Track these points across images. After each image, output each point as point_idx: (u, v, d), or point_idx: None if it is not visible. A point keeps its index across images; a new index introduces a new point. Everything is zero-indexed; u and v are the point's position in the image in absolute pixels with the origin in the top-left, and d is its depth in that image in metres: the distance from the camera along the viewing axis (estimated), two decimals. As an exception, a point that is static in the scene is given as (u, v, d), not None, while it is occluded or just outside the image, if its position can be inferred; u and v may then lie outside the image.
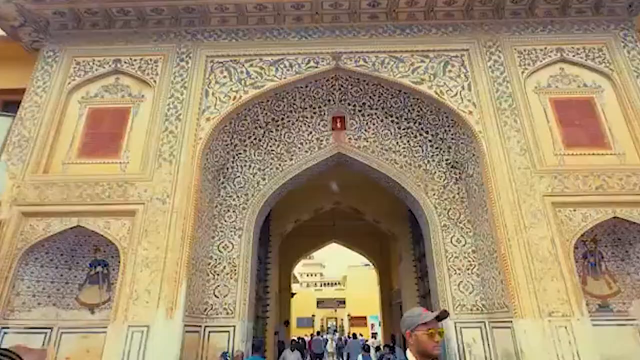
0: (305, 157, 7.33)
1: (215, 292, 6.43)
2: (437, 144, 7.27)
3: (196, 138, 6.40)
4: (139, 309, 5.26)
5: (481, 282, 6.38)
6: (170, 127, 6.46)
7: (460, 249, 6.64)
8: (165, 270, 5.48)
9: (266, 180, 7.18)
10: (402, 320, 1.99)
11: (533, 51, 6.89)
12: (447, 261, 6.55)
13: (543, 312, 5.20)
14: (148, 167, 6.17)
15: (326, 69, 6.92)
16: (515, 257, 5.52)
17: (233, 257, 6.65)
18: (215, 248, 6.73)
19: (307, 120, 7.55)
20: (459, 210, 6.89)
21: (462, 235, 6.73)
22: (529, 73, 6.74)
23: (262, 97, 6.88)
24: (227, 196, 7.09)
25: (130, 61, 7.01)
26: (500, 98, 6.54)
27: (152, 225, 5.76)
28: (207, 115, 6.58)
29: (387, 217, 10.08)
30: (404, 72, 6.81)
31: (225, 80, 6.83)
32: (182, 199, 5.94)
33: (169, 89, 6.74)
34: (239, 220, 6.90)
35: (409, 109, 7.19)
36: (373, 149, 7.33)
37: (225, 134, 6.91)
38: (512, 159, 6.11)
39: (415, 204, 7.21)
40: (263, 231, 8.87)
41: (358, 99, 7.43)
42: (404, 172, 7.15)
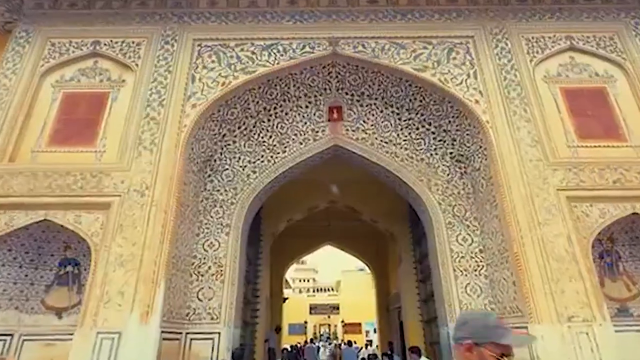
0: (299, 149, 6.81)
1: (199, 295, 5.84)
2: (441, 136, 6.81)
3: (180, 125, 5.85)
4: (110, 313, 4.66)
5: (490, 284, 5.88)
6: (152, 113, 5.91)
7: (467, 248, 6.15)
8: (141, 270, 4.90)
9: (257, 174, 6.64)
10: (463, 322, 1.40)
11: (541, 39, 6.49)
12: (453, 261, 6.05)
13: (562, 316, 4.71)
14: (126, 156, 5.60)
15: (322, 55, 6.45)
16: (529, 256, 5.03)
17: (219, 256, 6.08)
18: (200, 246, 6.15)
19: (302, 110, 7.05)
20: (464, 207, 6.41)
21: (469, 233, 6.24)
22: (537, 61, 6.34)
23: (254, 83, 6.37)
24: (214, 190, 6.53)
25: (110, 43, 6.47)
26: (509, 86, 6.11)
27: (129, 220, 5.18)
28: (193, 101, 6.04)
29: (386, 216, 9.58)
30: (406, 58, 6.36)
31: (213, 65, 6.31)
32: (163, 191, 5.38)
33: (151, 73, 6.21)
34: (227, 216, 6.35)
35: (410, 98, 6.73)
36: (372, 141, 6.85)
37: (213, 123, 6.37)
38: (523, 151, 5.66)
39: (417, 200, 6.72)
40: (253, 230, 8.30)
41: (356, 87, 6.95)
42: (406, 166, 6.67)
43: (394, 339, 12.17)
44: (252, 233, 8.22)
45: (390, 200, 9.32)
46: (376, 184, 9.10)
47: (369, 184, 9.32)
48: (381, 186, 9.15)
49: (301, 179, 9.18)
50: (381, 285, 14.06)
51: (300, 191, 9.41)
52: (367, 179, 9.11)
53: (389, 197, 9.32)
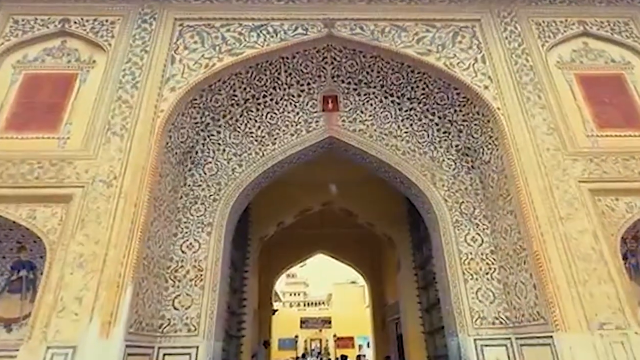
0: (290, 141, 6.18)
1: (174, 303, 5.09)
2: (445, 128, 6.24)
3: (157, 110, 5.19)
4: (64, 324, 3.90)
5: (503, 288, 5.25)
6: (124, 95, 5.24)
7: (477, 249, 5.53)
8: (104, 272, 4.16)
9: (243, 167, 5.98)
10: None
11: (553, 23, 6.04)
12: (462, 264, 5.42)
13: (592, 323, 4.09)
14: (93, 143, 4.91)
15: (317, 37, 5.88)
16: (551, 255, 4.44)
17: (199, 258, 5.35)
18: (178, 248, 5.42)
19: (294, 100, 6.44)
20: (472, 204, 5.81)
21: (478, 233, 5.63)
22: (549, 46, 5.87)
23: (240, 67, 5.76)
24: (195, 185, 5.84)
25: (81, 21, 5.82)
26: (520, 71, 5.61)
27: (92, 214, 4.46)
28: (171, 84, 5.39)
29: (383, 219, 8.94)
30: (408, 42, 5.83)
31: (196, 45, 5.70)
32: (134, 181, 4.68)
33: (125, 53, 5.56)
34: (209, 214, 5.64)
35: (412, 86, 6.18)
36: (370, 133, 6.25)
37: (195, 110, 5.72)
38: (539, 139, 5.12)
39: (420, 197, 6.10)
40: (240, 234, 7.60)
41: (353, 75, 6.38)
42: (407, 160, 6.07)
43: (392, 353, 11.40)
44: (238, 237, 7.52)
45: (389, 202, 8.72)
46: (373, 184, 8.53)
47: (365, 185, 8.74)
48: (379, 187, 8.58)
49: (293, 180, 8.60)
50: (377, 296, 13.32)
51: (292, 192, 8.77)
52: (364, 179, 8.54)
53: (387, 199, 8.73)
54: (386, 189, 8.54)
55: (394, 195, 8.66)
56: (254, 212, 8.36)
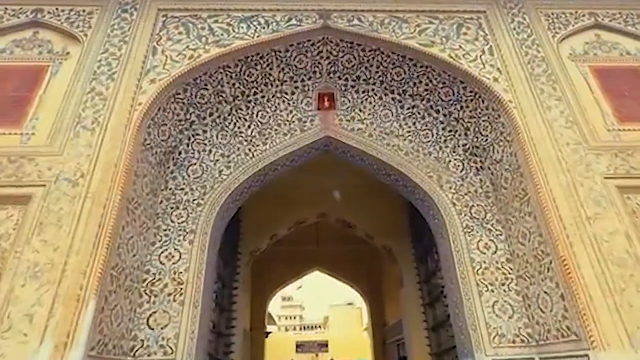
0: (283, 141, 5.66)
1: (149, 321, 4.42)
2: (451, 126, 5.77)
3: (134, 103, 4.68)
4: (10, 346, 3.24)
5: (523, 301, 4.65)
6: (98, 87, 4.73)
7: (490, 257, 4.96)
8: (62, 284, 3.53)
9: (231, 169, 5.42)
10: None
11: (562, 15, 5.70)
12: (475, 274, 4.83)
13: (635, 338, 3.51)
14: (59, 138, 4.36)
15: (312, 29, 5.46)
16: (580, 261, 3.88)
17: (179, 270, 4.72)
18: (155, 258, 4.79)
19: (287, 97, 5.97)
20: (483, 208, 5.28)
21: (491, 239, 5.07)
22: (560, 38, 5.49)
23: (229, 59, 5.30)
24: (178, 189, 5.26)
25: (55, 12, 5.37)
26: (532, 62, 5.21)
27: (53, 217, 3.86)
28: (152, 76, 4.91)
29: (384, 230, 8.36)
30: (409, 33, 5.43)
31: (180, 37, 5.25)
32: (104, 180, 4.11)
33: (102, 44, 5.09)
34: (191, 220, 5.05)
35: (415, 81, 5.74)
36: (370, 132, 5.76)
37: (178, 105, 5.21)
38: (557, 133, 4.65)
39: (425, 201, 5.56)
40: (229, 246, 6.98)
41: (351, 70, 5.95)
42: (411, 161, 5.56)
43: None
44: (227, 250, 6.91)
45: (389, 211, 8.18)
46: (372, 192, 8.02)
47: (364, 194, 8.20)
48: (378, 195, 8.06)
49: (287, 189, 8.08)
50: (376, 316, 12.54)
51: (285, 202, 8.20)
52: (362, 187, 8.04)
53: (387, 208, 8.19)
54: (386, 197, 8.03)
55: (395, 204, 8.14)
56: (245, 223, 7.77)
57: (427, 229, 6.71)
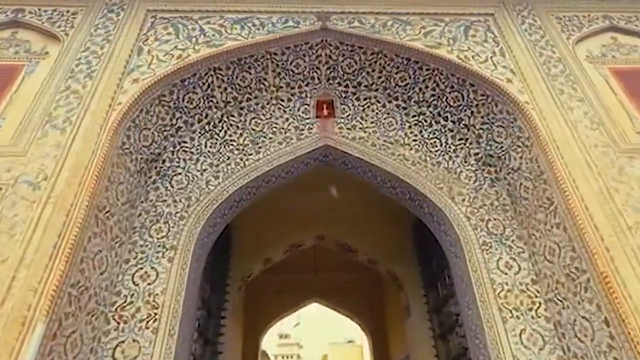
0: (278, 150, 5.17)
1: (115, 353, 3.73)
2: (462, 134, 5.31)
3: (113, 103, 4.23)
4: None
5: (555, 329, 3.99)
6: (74, 85, 4.31)
7: (513, 277, 4.33)
8: (6, 303, 2.92)
9: (220, 179, 4.89)
10: None
11: (575, 18, 5.39)
12: (497, 297, 4.18)
13: None
14: (25, 137, 3.88)
15: (310, 30, 5.13)
16: (626, 277, 3.29)
17: (155, 292, 4.08)
18: (128, 278, 4.16)
19: (283, 104, 5.54)
20: (501, 222, 4.71)
21: (513, 257, 4.46)
22: (575, 40, 5.16)
23: (220, 60, 4.92)
24: (159, 201, 4.70)
25: (37, 12, 5.05)
26: (548, 63, 4.83)
27: (5, 223, 3.30)
28: (135, 75, 4.50)
29: (387, 254, 7.68)
30: (414, 35, 5.10)
31: (169, 37, 4.90)
32: (71, 183, 3.58)
33: (84, 42, 4.73)
34: (172, 235, 4.46)
35: (420, 87, 5.34)
36: (373, 141, 5.29)
37: (163, 109, 4.77)
38: (583, 135, 4.18)
39: (435, 215, 5.00)
40: (217, 269, 6.34)
41: (352, 76, 5.56)
42: (418, 171, 5.05)
43: None
44: (215, 274, 6.26)
45: (394, 233, 7.57)
46: (375, 212, 7.46)
47: (366, 214, 7.64)
48: (381, 215, 7.49)
49: (282, 208, 7.54)
50: (379, 352, 11.52)
51: (280, 223, 7.61)
52: (364, 206, 7.48)
53: (392, 230, 7.60)
54: (390, 218, 7.47)
55: (400, 226, 7.55)
56: (236, 244, 7.15)
57: (436, 251, 6.11)
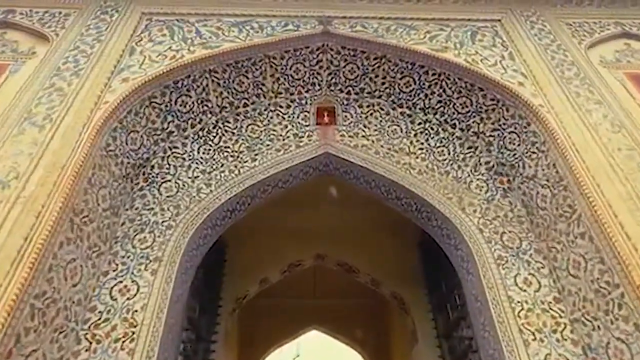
0: (275, 157, 4.86)
1: (84, 377, 3.28)
2: (470, 142, 5.00)
3: (99, 101, 3.96)
4: None
5: (585, 354, 3.52)
6: (59, 83, 4.06)
7: (533, 295, 3.89)
8: (-46, 313, 2.52)
9: (212, 187, 4.55)
10: None
11: (585, 24, 5.21)
12: (517, 317, 3.73)
13: None
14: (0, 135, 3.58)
15: (310, 34, 4.94)
16: (667, 291, 2.87)
17: (134, 308, 3.64)
18: (106, 292, 3.75)
19: (281, 111, 5.27)
20: (517, 235, 4.32)
21: (532, 273, 4.04)
22: (587, 45, 4.95)
23: (216, 63, 4.70)
24: (145, 209, 4.34)
25: (29, 13, 4.89)
26: (561, 66, 4.59)
27: (-34, 224, 2.94)
28: (125, 74, 4.26)
29: (392, 275, 7.17)
30: (419, 39, 4.90)
31: (163, 38, 4.70)
32: (44, 183, 3.25)
33: (74, 41, 4.53)
34: (158, 245, 4.07)
35: (426, 93, 5.09)
36: (376, 149, 4.98)
37: (154, 111, 4.50)
38: (605, 138, 3.86)
39: (445, 228, 4.61)
40: (209, 288, 5.90)
41: (354, 82, 5.32)
42: (425, 181, 4.71)
43: None
44: (207, 293, 5.83)
45: (399, 253, 7.14)
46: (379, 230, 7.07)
47: (368, 232, 7.23)
48: (386, 234, 7.10)
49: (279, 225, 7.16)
50: (383, 384, 10.74)
51: (278, 240, 7.19)
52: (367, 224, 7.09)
53: (397, 249, 7.17)
54: (395, 235, 7.06)
55: (405, 244, 7.13)
56: (231, 263, 6.72)
57: (445, 270, 5.68)
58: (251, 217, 7.02)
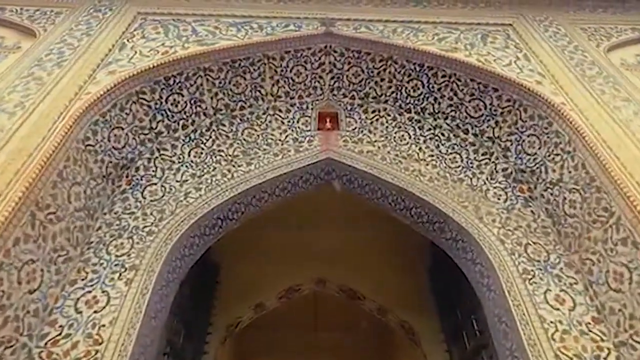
0: (273, 162, 4.46)
1: (31, 406, 2.70)
2: (485, 147, 4.60)
3: (80, 92, 3.64)
4: None
5: (638, 386, 2.92)
6: (39, 72, 3.76)
7: (569, 315, 3.33)
8: None
9: (202, 191, 4.11)
10: None
11: (601, 29, 4.99)
12: (551, 340, 3.16)
13: None
14: (-36, 122, 3.23)
15: (312, 34, 4.71)
16: None
17: (101, 322, 3.10)
18: (70, 303, 3.22)
19: (281, 115, 4.94)
20: (544, 247, 3.81)
21: (564, 289, 3.50)
22: (606, 48, 4.69)
23: (211, 60, 4.42)
24: (125, 212, 3.89)
25: (19, 10, 4.71)
26: (581, 65, 4.30)
27: None
28: (112, 67, 3.98)
29: (400, 302, 6.44)
30: (427, 41, 4.65)
31: (157, 36, 4.47)
32: (5, 170, 2.86)
33: (61, 35, 4.29)
34: (136, 253, 3.57)
35: (435, 96, 4.76)
36: (383, 155, 4.58)
37: (142, 109, 4.16)
38: (639, 133, 3.46)
39: (461, 239, 4.10)
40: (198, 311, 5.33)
41: (358, 86, 5.02)
42: (437, 188, 4.27)
43: None
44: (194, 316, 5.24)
45: (407, 277, 6.54)
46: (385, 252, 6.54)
47: (374, 254, 6.69)
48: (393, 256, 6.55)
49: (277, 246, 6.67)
50: None
51: (275, 262, 6.63)
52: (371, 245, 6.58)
53: (404, 273, 6.60)
54: (402, 257, 6.53)
55: (413, 267, 6.57)
56: (223, 285, 6.16)
57: (459, 294, 5.14)
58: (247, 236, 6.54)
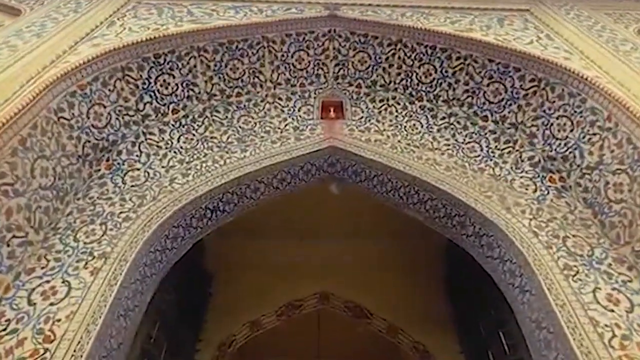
0: (270, 149, 4.01)
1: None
2: (508, 135, 4.11)
3: (57, 61, 3.29)
4: None
5: None
6: (15, 41, 3.46)
7: (626, 317, 2.73)
8: None
9: (189, 177, 3.65)
10: None
11: (627, 14, 4.65)
12: (609, 347, 2.55)
13: None
14: None
15: (315, 17, 4.40)
16: None
17: (56, 317, 2.56)
18: (23, 294, 2.69)
19: (280, 104, 4.54)
20: (586, 241, 3.25)
21: (616, 287, 2.91)
22: (636, 30, 4.31)
23: (206, 40, 4.09)
24: (102, 198, 3.42)
25: (8, -4, 4.49)
26: (612, 41, 3.93)
27: None
28: (97, 41, 3.65)
29: (412, 319, 5.67)
30: (439, 23, 4.31)
31: (149, 16, 4.18)
32: (-49, 128, 2.43)
33: (46, 11, 4.01)
34: (108, 240, 3.07)
35: (450, 82, 4.35)
36: (393, 144, 4.12)
37: (128, 87, 3.78)
38: (693, 102, 2.99)
39: (486, 234, 3.55)
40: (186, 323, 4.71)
41: (365, 74, 4.65)
42: (455, 177, 3.77)
43: None
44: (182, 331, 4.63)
45: (420, 291, 5.87)
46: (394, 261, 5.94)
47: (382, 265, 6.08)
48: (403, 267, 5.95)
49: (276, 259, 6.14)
50: None
51: (273, 275, 6.02)
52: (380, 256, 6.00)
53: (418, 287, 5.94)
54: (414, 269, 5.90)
55: (427, 279, 5.92)
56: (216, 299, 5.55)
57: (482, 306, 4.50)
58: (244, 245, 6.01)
